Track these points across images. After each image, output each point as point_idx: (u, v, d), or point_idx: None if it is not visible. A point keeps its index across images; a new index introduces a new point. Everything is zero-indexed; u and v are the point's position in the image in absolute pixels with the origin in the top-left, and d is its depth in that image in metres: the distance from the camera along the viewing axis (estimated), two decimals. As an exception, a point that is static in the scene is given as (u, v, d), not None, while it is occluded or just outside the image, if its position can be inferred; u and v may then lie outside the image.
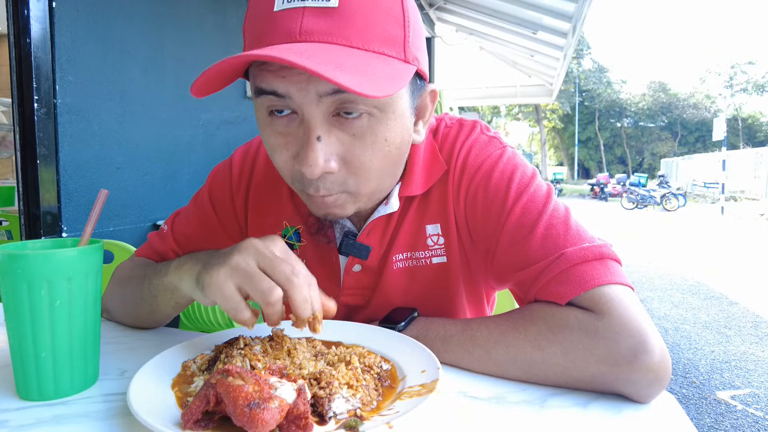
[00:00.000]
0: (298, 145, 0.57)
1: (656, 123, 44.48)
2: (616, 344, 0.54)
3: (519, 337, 0.58)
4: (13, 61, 1.79)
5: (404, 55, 0.55)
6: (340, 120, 0.56)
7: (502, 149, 0.72)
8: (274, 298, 0.49)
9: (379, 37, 0.53)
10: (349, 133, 0.56)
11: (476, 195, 0.70)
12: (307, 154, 0.55)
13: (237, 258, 0.51)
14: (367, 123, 0.56)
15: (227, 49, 3.02)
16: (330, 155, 0.56)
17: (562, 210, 0.66)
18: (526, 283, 0.65)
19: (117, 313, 0.80)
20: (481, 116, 21.99)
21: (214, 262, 0.53)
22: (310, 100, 0.53)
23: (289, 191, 0.78)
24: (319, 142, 0.55)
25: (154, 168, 2.44)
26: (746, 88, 41.80)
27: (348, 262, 0.75)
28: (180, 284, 0.61)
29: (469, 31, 6.81)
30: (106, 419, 0.49)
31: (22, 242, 0.56)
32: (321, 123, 0.55)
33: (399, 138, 0.60)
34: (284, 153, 0.59)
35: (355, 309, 0.78)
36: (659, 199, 15.61)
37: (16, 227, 1.95)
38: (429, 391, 0.48)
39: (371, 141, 0.57)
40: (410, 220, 0.73)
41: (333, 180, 0.58)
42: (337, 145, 0.56)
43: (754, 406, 2.52)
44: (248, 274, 0.50)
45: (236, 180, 0.81)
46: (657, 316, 4.12)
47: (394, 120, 0.58)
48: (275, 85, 0.54)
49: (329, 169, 0.56)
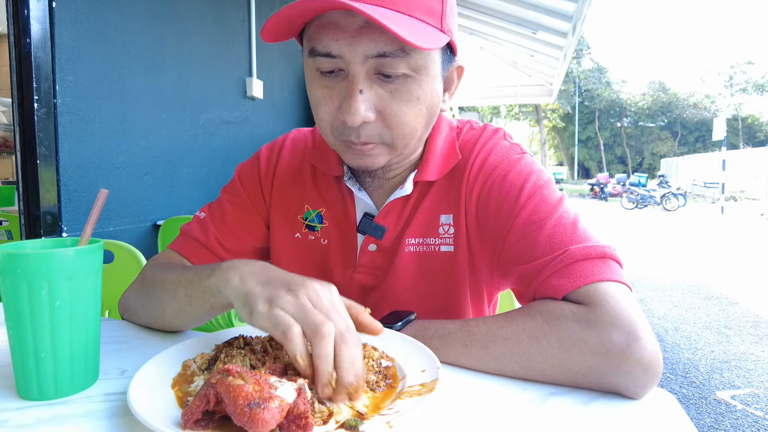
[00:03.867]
0: (341, 97, 0.64)
1: (656, 123, 44.51)
2: (608, 334, 0.55)
3: (516, 330, 0.59)
4: (13, 61, 1.79)
5: (441, 25, 0.63)
6: (380, 78, 0.63)
7: (521, 154, 0.77)
8: (325, 330, 0.46)
9: (421, 7, 0.61)
10: (387, 90, 0.64)
11: (491, 191, 0.74)
12: (350, 104, 0.63)
13: (298, 294, 0.49)
14: (403, 82, 0.64)
15: (227, 49, 3.02)
16: (369, 107, 0.64)
17: (572, 213, 0.70)
18: (528, 277, 0.66)
19: (141, 313, 0.75)
20: (481, 116, 22.01)
21: (273, 288, 0.51)
22: (357, 60, 0.61)
23: (311, 178, 0.85)
24: (361, 94, 0.63)
25: (154, 168, 2.44)
26: (746, 88, 41.82)
27: (364, 241, 0.80)
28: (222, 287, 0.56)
29: (469, 31, 6.80)
30: (106, 419, 0.49)
31: (21, 242, 0.56)
32: (364, 79, 0.63)
33: (429, 99, 0.67)
34: (329, 104, 0.66)
35: (367, 290, 0.81)
36: (659, 199, 15.61)
37: (16, 227, 1.95)
38: (429, 390, 0.48)
39: (406, 98, 0.64)
40: (426, 207, 0.78)
41: (372, 129, 0.66)
42: (375, 100, 0.64)
43: (754, 406, 2.52)
44: (302, 308, 0.48)
45: (264, 170, 0.88)
46: (657, 316, 4.12)
47: (427, 82, 0.65)
48: (330, 46, 0.61)
49: (368, 118, 0.64)
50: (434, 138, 0.79)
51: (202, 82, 2.79)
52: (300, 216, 0.85)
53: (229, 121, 3.08)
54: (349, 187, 0.80)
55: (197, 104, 2.77)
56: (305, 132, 0.92)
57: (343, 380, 0.46)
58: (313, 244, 0.84)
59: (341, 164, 0.81)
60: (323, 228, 0.83)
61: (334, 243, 0.82)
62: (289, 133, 0.92)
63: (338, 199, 0.82)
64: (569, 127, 46.33)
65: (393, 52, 0.60)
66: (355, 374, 0.47)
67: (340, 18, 0.60)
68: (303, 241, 0.85)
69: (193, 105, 2.73)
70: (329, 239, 0.83)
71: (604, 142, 45.97)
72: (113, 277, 1.30)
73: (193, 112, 2.74)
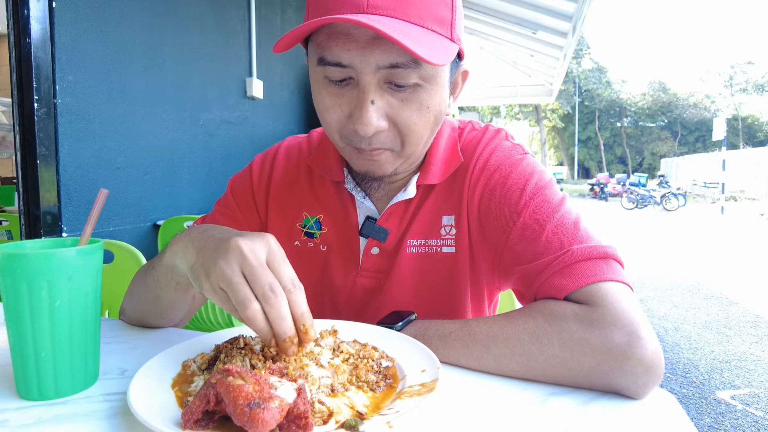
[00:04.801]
0: (352, 106, 0.65)
1: (656, 123, 44.51)
2: (610, 333, 0.55)
3: (518, 330, 0.59)
4: (13, 61, 1.79)
5: (451, 34, 0.63)
6: (391, 88, 0.64)
7: (523, 155, 0.77)
8: (249, 312, 0.49)
9: (432, 17, 0.61)
10: (398, 98, 0.64)
11: (493, 191, 0.74)
12: (362, 115, 0.63)
13: (222, 263, 0.51)
14: (413, 90, 0.64)
15: (227, 48, 3.02)
16: (381, 116, 0.64)
17: (574, 213, 0.70)
18: (530, 277, 0.67)
19: (130, 311, 0.79)
20: (481, 116, 21.99)
21: (206, 258, 0.53)
22: (369, 70, 0.61)
23: (308, 185, 0.85)
24: (372, 105, 0.63)
25: (154, 168, 2.44)
26: (746, 88, 41.81)
27: (367, 244, 0.80)
28: (176, 261, 0.60)
29: (469, 31, 6.80)
30: (106, 419, 0.49)
31: (21, 242, 0.56)
32: (375, 89, 0.63)
33: (438, 107, 0.67)
34: (338, 112, 0.66)
35: (371, 293, 0.81)
36: (659, 199, 15.61)
37: (16, 227, 1.95)
38: (429, 390, 0.48)
39: (416, 107, 0.65)
40: (428, 208, 0.78)
41: (384, 137, 0.66)
42: (387, 108, 0.64)
43: (754, 406, 2.52)
44: (229, 283, 0.50)
45: (256, 180, 0.87)
46: (657, 316, 4.12)
47: (437, 90, 0.66)
48: (341, 56, 0.61)
49: (381, 128, 0.64)
50: (437, 141, 0.78)
51: (202, 82, 2.79)
52: (298, 224, 0.85)
53: (229, 121, 3.08)
54: (350, 191, 0.80)
55: (197, 104, 2.76)
56: (300, 139, 0.91)
57: (279, 337, 0.50)
58: (312, 251, 0.84)
59: (342, 169, 0.81)
60: (322, 234, 0.83)
61: (334, 248, 0.82)
62: (283, 142, 0.92)
63: (338, 203, 0.82)
64: (569, 127, 46.32)
65: (405, 63, 0.60)
66: (290, 328, 0.50)
67: (351, 28, 0.59)
68: (302, 249, 0.84)
69: (193, 105, 2.73)
70: (328, 245, 0.82)
71: (604, 142, 45.97)
72: (113, 277, 1.30)
73: (193, 112, 2.74)
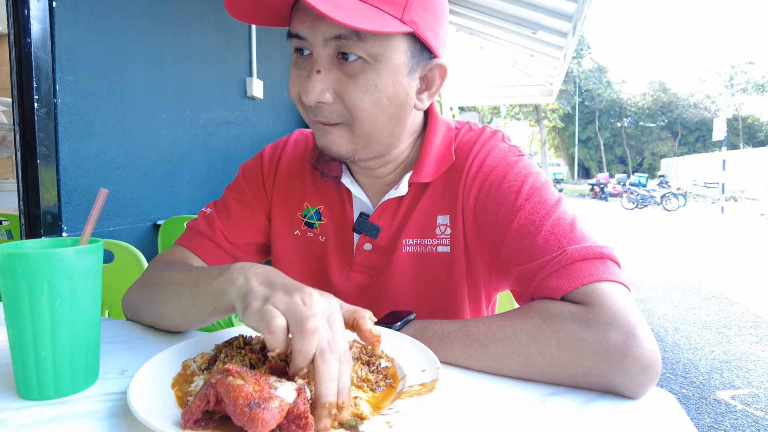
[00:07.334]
0: (305, 77, 0.68)
1: (656, 123, 44.51)
2: (607, 333, 0.55)
3: (516, 330, 0.59)
4: (13, 61, 1.79)
5: (401, 15, 0.64)
6: (340, 62, 0.66)
7: (519, 156, 0.77)
8: (310, 325, 0.45)
9: None
10: (345, 73, 0.66)
11: (489, 192, 0.74)
12: (306, 84, 0.67)
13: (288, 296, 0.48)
14: (360, 67, 0.66)
15: (227, 49, 3.02)
16: (326, 88, 0.67)
17: (570, 214, 0.70)
18: (527, 277, 0.67)
19: (141, 310, 0.76)
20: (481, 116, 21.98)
21: (273, 289, 0.50)
22: (318, 42, 0.65)
23: (311, 176, 0.86)
24: (318, 74, 0.66)
25: (154, 168, 2.44)
26: (746, 88, 41.81)
27: (360, 240, 0.81)
28: (227, 288, 0.56)
29: (469, 31, 6.80)
30: (107, 419, 0.49)
31: (21, 242, 0.56)
32: (324, 61, 0.66)
33: (392, 90, 0.68)
34: (296, 84, 0.70)
35: (363, 288, 0.82)
36: (659, 199, 15.61)
37: (16, 227, 1.95)
38: (429, 390, 0.48)
39: (363, 83, 0.66)
40: (423, 207, 0.78)
41: (331, 110, 0.69)
42: (333, 81, 0.67)
43: (754, 406, 2.52)
44: (289, 304, 0.47)
45: (267, 167, 0.90)
46: (657, 316, 4.12)
47: (386, 71, 0.66)
48: (298, 28, 0.66)
49: (323, 99, 0.67)
50: (430, 139, 0.79)
51: (202, 82, 2.79)
52: (299, 213, 0.86)
53: (229, 120, 3.08)
54: (347, 186, 0.81)
55: (197, 104, 2.77)
56: (307, 133, 0.94)
57: (320, 398, 0.43)
58: (311, 241, 0.85)
59: (340, 163, 0.81)
60: (321, 225, 0.85)
61: (331, 241, 0.84)
62: (292, 134, 0.95)
63: (336, 197, 0.84)
64: (569, 127, 46.32)
65: (347, 35, 0.63)
66: (334, 393, 0.44)
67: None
68: (302, 238, 0.86)
69: (194, 105, 2.73)
70: (327, 236, 0.84)
71: (604, 142, 45.97)
72: (113, 277, 1.30)
73: (194, 111, 2.74)
